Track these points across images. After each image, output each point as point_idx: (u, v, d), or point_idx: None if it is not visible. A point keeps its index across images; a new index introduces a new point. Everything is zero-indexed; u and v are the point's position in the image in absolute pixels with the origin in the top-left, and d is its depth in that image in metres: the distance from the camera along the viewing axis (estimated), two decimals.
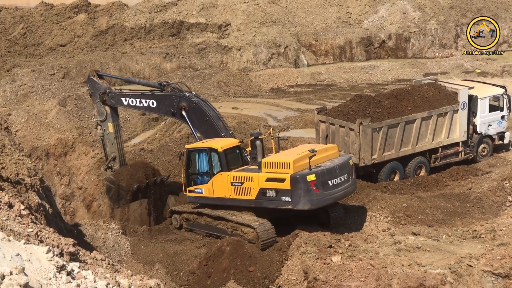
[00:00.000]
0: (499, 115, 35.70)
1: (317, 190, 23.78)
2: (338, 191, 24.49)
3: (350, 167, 25.19)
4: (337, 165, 24.61)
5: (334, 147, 26.43)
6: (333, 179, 24.23)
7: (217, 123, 27.71)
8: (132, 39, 68.56)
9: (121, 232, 26.71)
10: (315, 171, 23.88)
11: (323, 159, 24.87)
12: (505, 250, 21.16)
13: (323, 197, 24.05)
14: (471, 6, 72.31)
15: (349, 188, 25.14)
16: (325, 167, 24.32)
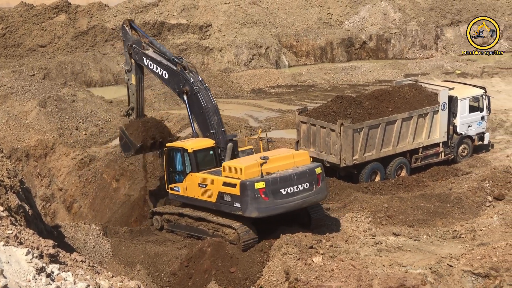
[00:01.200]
0: (479, 115, 35.91)
1: (267, 198, 23.48)
2: (293, 200, 23.91)
3: (314, 176, 24.48)
4: (295, 173, 24.03)
5: (305, 153, 25.77)
6: (287, 188, 23.71)
7: (211, 117, 27.01)
8: (113, 40, 68.28)
9: (102, 233, 26.59)
10: (266, 179, 23.53)
11: (288, 165, 24.42)
12: (485, 250, 21.26)
13: (274, 206, 23.67)
14: (451, 7, 72.65)
15: (311, 197, 24.46)
16: (278, 175, 23.84)
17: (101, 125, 44.78)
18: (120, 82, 60.59)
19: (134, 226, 29.33)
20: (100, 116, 45.72)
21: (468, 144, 35.96)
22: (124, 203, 32.60)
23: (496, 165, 33.76)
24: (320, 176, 24.67)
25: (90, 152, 38.71)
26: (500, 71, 58.72)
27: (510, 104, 47.51)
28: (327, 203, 29.58)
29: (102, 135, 43.56)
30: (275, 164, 24.31)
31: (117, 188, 33.97)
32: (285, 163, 24.47)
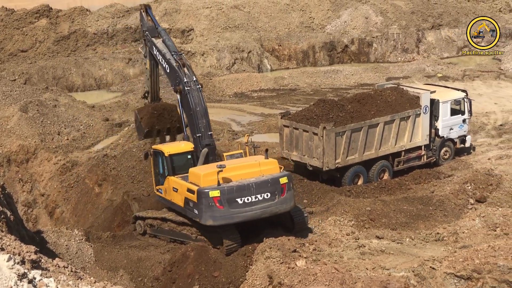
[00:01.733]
0: (461, 118, 36.09)
1: (221, 207, 23.31)
2: (251, 210, 23.57)
3: (278, 185, 23.97)
4: (254, 182, 23.64)
5: (273, 162, 25.05)
6: (244, 197, 23.41)
7: (199, 120, 26.75)
8: (94, 44, 68.10)
9: (85, 238, 26.48)
10: (221, 188, 23.35)
11: (253, 174, 24.09)
12: (467, 252, 21.33)
13: (229, 215, 23.49)
14: (432, 11, 72.98)
15: (272, 207, 23.97)
16: (235, 184, 23.60)
17: (83, 130, 44.65)
18: (102, 87, 60.51)
19: (117, 231, 29.24)
20: (82, 121, 45.59)
21: (450, 147, 36.14)
22: (106, 208, 32.49)
23: (477, 167, 33.95)
24: (286, 186, 24.12)
25: (72, 157, 38.57)
26: (481, 74, 59.07)
27: (491, 107, 47.82)
28: (310, 207, 29.63)
29: (84, 140, 43.45)
30: (238, 172, 24.08)
31: (100, 193, 33.85)
32: (249, 171, 24.16)
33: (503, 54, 66.36)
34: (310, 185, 31.84)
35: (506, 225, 26.07)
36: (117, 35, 68.71)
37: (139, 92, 54.97)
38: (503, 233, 25.56)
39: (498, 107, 47.85)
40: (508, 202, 29.42)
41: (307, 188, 31.59)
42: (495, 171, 33.05)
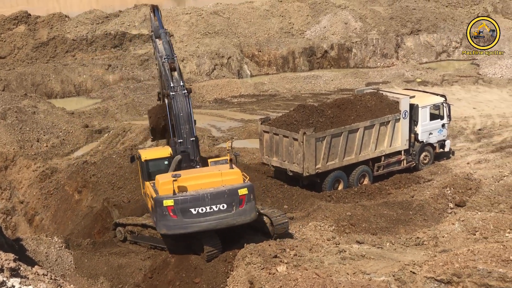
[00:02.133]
0: (440, 123, 36.28)
1: (175, 216, 23.20)
2: (205, 221, 23.30)
3: (236, 197, 23.53)
4: (210, 193, 23.32)
5: (236, 172, 24.35)
6: (199, 208, 23.15)
7: (181, 126, 26.75)
8: (73, 50, 67.87)
9: (64, 246, 26.32)
10: (175, 197, 23.22)
11: (213, 184, 23.74)
12: (447, 256, 21.43)
13: (183, 225, 23.30)
14: (410, 16, 73.35)
15: (228, 219, 23.56)
16: (190, 194, 23.37)
17: (62, 137, 44.45)
18: (82, 93, 60.27)
19: (97, 238, 29.09)
20: (61, 128, 45.38)
21: (429, 152, 36.31)
22: (86, 215, 32.34)
23: (457, 172, 34.15)
24: (245, 197, 23.64)
25: (52, 164, 38.38)
26: (460, 79, 59.44)
27: (470, 111, 48.12)
28: (290, 212, 29.65)
29: (64, 146, 43.25)
30: (198, 181, 23.84)
31: (79, 200, 33.69)
32: (210, 181, 23.84)
33: (481, 59, 66.81)
34: (290, 190, 31.86)
35: (485, 229, 26.23)
36: (96, 41, 68.49)
37: (119, 98, 54.96)
38: (482, 237, 25.70)
39: (476, 111, 48.16)
40: (487, 206, 29.60)
41: (287, 193, 31.62)
42: (474, 175, 33.28)
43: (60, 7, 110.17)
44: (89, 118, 49.36)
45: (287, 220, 26.83)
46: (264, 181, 32.42)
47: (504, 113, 47.12)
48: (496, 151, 37.72)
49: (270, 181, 32.44)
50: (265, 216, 26.33)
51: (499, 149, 37.93)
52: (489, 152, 37.77)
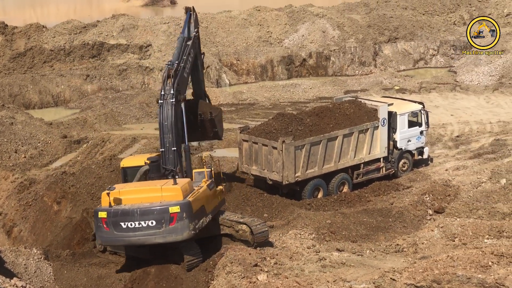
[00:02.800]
0: (418, 130, 36.49)
1: (107, 228, 23.40)
2: (134, 236, 23.28)
3: (166, 214, 23.19)
4: (139, 209, 23.22)
5: (176, 189, 23.84)
6: (128, 222, 23.15)
7: (164, 135, 26.56)
8: (51, 61, 67.52)
9: (43, 257, 26.14)
10: (107, 209, 23.39)
11: (152, 199, 23.64)
12: (427, 263, 21.52)
13: (114, 237, 23.55)
14: (388, 24, 73.72)
15: (157, 235, 23.32)
16: (122, 208, 23.43)
17: (41, 148, 44.21)
18: (60, 103, 59.99)
19: (76, 249, 28.90)
20: (39, 139, 45.15)
21: (408, 159, 36.49)
22: (66, 226, 32.13)
23: (435, 179, 34.35)
24: (177, 216, 23.23)
25: (30, 175, 38.17)
26: (437, 86, 59.82)
27: (448, 118, 48.42)
28: (270, 221, 29.64)
29: (42, 157, 43.01)
30: (136, 195, 23.88)
31: (59, 211, 33.49)
32: (149, 196, 23.77)
33: (458, 67, 67.24)
34: (270, 199, 31.87)
35: (464, 235, 26.39)
36: (74, 52, 68.20)
37: (98, 108, 54.76)
38: (461, 243, 25.86)
39: (454, 118, 48.48)
40: (465, 213, 29.78)
41: (267, 202, 31.62)
42: (453, 182, 33.49)
43: (38, 18, 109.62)
44: (67, 129, 49.12)
45: (267, 229, 26.82)
46: (243, 189, 32.42)
47: (481, 120, 47.47)
48: (474, 157, 37.97)
49: (249, 189, 32.44)
50: (245, 225, 26.34)
51: (476, 156, 38.17)
52: (467, 158, 38.01)
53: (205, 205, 24.65)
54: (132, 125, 51.24)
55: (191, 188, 24.45)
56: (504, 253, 21.28)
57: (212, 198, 25.60)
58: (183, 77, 28.32)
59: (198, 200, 24.05)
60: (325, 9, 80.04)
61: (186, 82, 29.44)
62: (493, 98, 54.97)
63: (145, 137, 45.70)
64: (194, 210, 23.54)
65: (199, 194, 24.33)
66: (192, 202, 23.55)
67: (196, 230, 23.69)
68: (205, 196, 24.87)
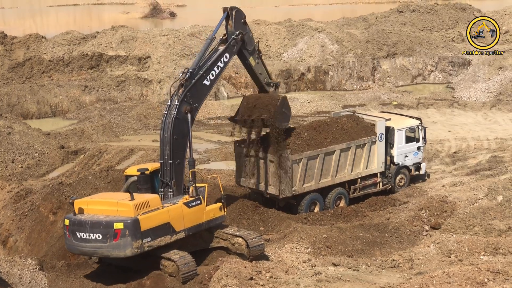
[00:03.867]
0: (415, 146, 36.51)
1: (70, 236, 24.27)
2: (85, 247, 24.00)
3: (110, 230, 23.45)
4: (90, 221, 23.80)
5: (128, 205, 23.86)
6: (81, 232, 23.87)
7: (164, 147, 26.80)
8: (50, 71, 67.57)
9: (38, 268, 26.07)
10: (70, 217, 24.37)
11: (109, 212, 24.04)
12: (422, 279, 21.49)
13: (72, 245, 24.47)
14: (387, 40, 73.91)
15: (103, 249, 23.79)
16: (79, 218, 24.14)
17: (38, 158, 44.18)
18: (58, 114, 60.02)
19: (71, 260, 28.80)
20: (37, 149, 45.12)
21: (405, 174, 36.49)
22: (61, 237, 31.96)
23: (432, 194, 34.34)
24: (120, 232, 23.44)
25: (27, 185, 38.09)
26: (435, 102, 59.94)
27: (445, 134, 48.48)
28: (266, 234, 29.62)
29: (39, 167, 42.98)
30: (97, 206, 24.43)
31: (54, 222, 33.36)
32: (107, 209, 24.21)
33: (456, 83, 67.39)
34: (266, 212, 31.82)
35: (460, 251, 26.38)
36: (73, 62, 68.27)
37: (95, 119, 54.79)
38: (457, 259, 25.85)
39: (451, 134, 48.53)
40: (462, 229, 29.76)
41: (263, 215, 31.58)
42: (449, 198, 33.47)
43: (37, 28, 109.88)
44: (65, 139, 49.11)
45: (263, 242, 26.83)
46: (240, 203, 32.38)
47: (479, 136, 47.51)
48: (471, 174, 37.98)
49: (246, 203, 32.39)
50: (241, 238, 26.34)
51: (473, 172, 38.19)
52: (464, 175, 38.03)
53: (174, 223, 24.68)
54: (130, 137, 51.24)
55: (155, 204, 24.51)
56: (500, 270, 21.26)
57: (191, 215, 25.48)
58: (199, 87, 28.10)
59: (154, 218, 24.11)
60: (324, 24, 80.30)
61: (205, 92, 28.78)
62: (491, 114, 55.06)
63: (143, 149, 45.67)
64: (143, 228, 23.64)
65: (158, 212, 24.36)
66: (142, 220, 23.64)
67: (143, 249, 23.80)
68: (176, 214, 24.90)
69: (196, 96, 27.85)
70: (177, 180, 26.65)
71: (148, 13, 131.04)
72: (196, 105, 27.85)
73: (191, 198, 25.72)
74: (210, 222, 26.36)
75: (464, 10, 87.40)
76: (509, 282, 20.62)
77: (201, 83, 28.18)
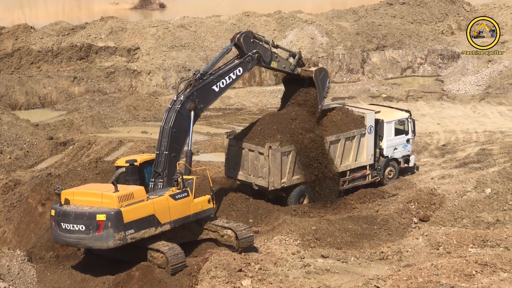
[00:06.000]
0: (404, 138, 36.57)
1: (55, 226, 24.49)
2: (69, 237, 24.22)
3: (93, 221, 23.56)
4: (74, 212, 23.94)
5: (111, 197, 23.93)
6: (66, 223, 24.05)
7: (162, 138, 27.39)
8: (39, 62, 67.24)
9: (27, 259, 26.03)
10: (56, 208, 24.59)
11: (94, 203, 24.14)
12: (411, 271, 21.58)
13: (58, 236, 24.69)
14: (376, 32, 73.90)
15: (86, 240, 23.93)
16: (64, 209, 24.31)
17: (26, 149, 44.02)
18: (46, 105, 59.77)
19: (60, 251, 28.75)
20: (25, 140, 44.94)
21: (394, 167, 36.55)
22: (50, 228, 31.99)
23: (421, 187, 34.41)
24: (103, 224, 23.56)
25: (15, 176, 37.96)
26: (425, 95, 60.01)
27: (434, 127, 48.57)
28: (255, 226, 29.64)
29: (28, 158, 42.83)
30: (82, 197, 24.55)
31: (43, 213, 33.28)
32: (92, 200, 24.32)
33: (446, 76, 67.50)
34: (255, 204, 31.80)
35: (449, 243, 26.49)
36: (62, 53, 67.95)
37: (84, 110, 54.63)
38: (446, 251, 25.96)
39: (440, 127, 48.63)
40: (450, 221, 29.87)
41: (252, 207, 31.56)
42: (438, 190, 33.56)
43: (26, 18, 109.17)
44: (53, 130, 48.95)
45: (252, 234, 26.86)
46: (229, 195, 32.38)
47: (468, 129, 47.63)
48: (460, 166, 38.07)
49: (235, 195, 32.38)
50: (230, 230, 26.36)
51: (462, 165, 38.28)
52: (452, 167, 38.11)
53: (159, 215, 24.70)
54: (119, 128, 51.12)
55: (140, 196, 24.53)
56: (488, 262, 21.38)
57: (177, 207, 25.47)
58: (207, 90, 29.17)
59: (138, 210, 24.17)
60: (314, 16, 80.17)
61: (213, 96, 29.88)
62: (480, 107, 55.20)
63: (132, 140, 45.59)
64: (126, 220, 23.71)
65: (143, 204, 24.40)
66: (125, 212, 23.71)
67: (125, 241, 23.87)
68: (161, 206, 24.93)
69: (202, 98, 28.87)
70: (169, 172, 26.79)
71: (137, 4, 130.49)
72: (201, 106, 28.96)
73: (178, 190, 25.71)
74: (198, 215, 26.35)
75: (453, 3, 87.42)
76: (496, 274, 20.75)
77: (210, 88, 29.31)
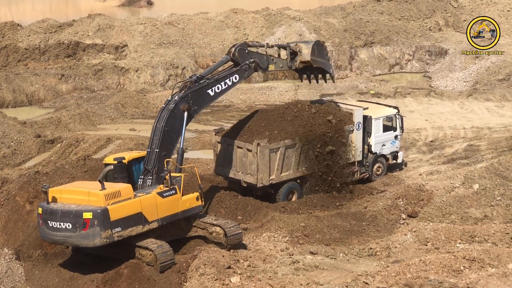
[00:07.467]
0: (393, 135, 36.62)
1: (42, 224, 24.46)
2: (56, 235, 24.22)
3: (80, 220, 23.51)
4: (61, 210, 23.89)
5: (98, 195, 23.83)
6: (52, 222, 24.02)
7: (154, 136, 27.52)
8: (26, 60, 67.00)
9: (15, 257, 25.94)
10: (43, 206, 24.53)
11: (81, 201, 24.06)
12: (399, 266, 21.62)
13: (45, 234, 24.65)
14: (364, 29, 73.99)
15: (72, 238, 23.92)
16: (51, 206, 24.26)
17: (14, 147, 43.85)
18: (34, 103, 59.55)
19: (48, 249, 28.67)
20: (13, 138, 44.78)
21: (382, 163, 36.61)
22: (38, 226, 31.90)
23: (409, 183, 34.49)
24: (89, 222, 23.53)
25: (3, 174, 37.81)
26: (412, 91, 60.16)
27: (422, 123, 48.69)
28: (244, 223, 29.63)
29: (15, 156, 42.67)
30: (68, 195, 24.53)
31: (31, 211, 33.17)
32: (79, 198, 24.26)
33: (433, 72, 67.68)
34: (244, 201, 31.80)
35: (437, 239, 26.56)
36: (50, 51, 67.73)
37: (72, 108, 54.46)
38: (434, 247, 26.02)
39: (428, 123, 48.76)
40: (438, 217, 29.95)
41: (241, 204, 31.56)
42: (426, 186, 33.65)
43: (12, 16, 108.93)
44: (41, 128, 48.79)
45: (241, 231, 26.87)
46: (218, 192, 32.37)
47: (455, 125, 47.78)
48: (448, 162, 38.20)
49: (224, 192, 32.38)
50: (218, 227, 26.36)
51: (450, 161, 38.41)
52: (440, 163, 38.23)
53: (146, 213, 24.70)
54: (107, 126, 51.01)
55: (127, 194, 24.52)
56: (476, 257, 21.43)
57: (165, 205, 25.48)
58: (202, 93, 29.26)
59: (125, 207, 24.17)
60: (302, 13, 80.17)
61: (207, 100, 30.00)
62: (467, 104, 55.39)
63: (120, 138, 45.49)
64: (112, 218, 23.72)
65: (130, 202, 24.40)
66: (111, 210, 23.71)
67: (112, 239, 23.89)
68: (149, 204, 24.92)
69: (196, 100, 28.95)
70: (158, 170, 26.80)
71: (125, 1, 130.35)
72: (195, 108, 29.01)
73: (165, 188, 25.69)
74: (186, 212, 26.35)
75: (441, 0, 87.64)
76: (484, 270, 20.81)
77: (205, 91, 29.40)
